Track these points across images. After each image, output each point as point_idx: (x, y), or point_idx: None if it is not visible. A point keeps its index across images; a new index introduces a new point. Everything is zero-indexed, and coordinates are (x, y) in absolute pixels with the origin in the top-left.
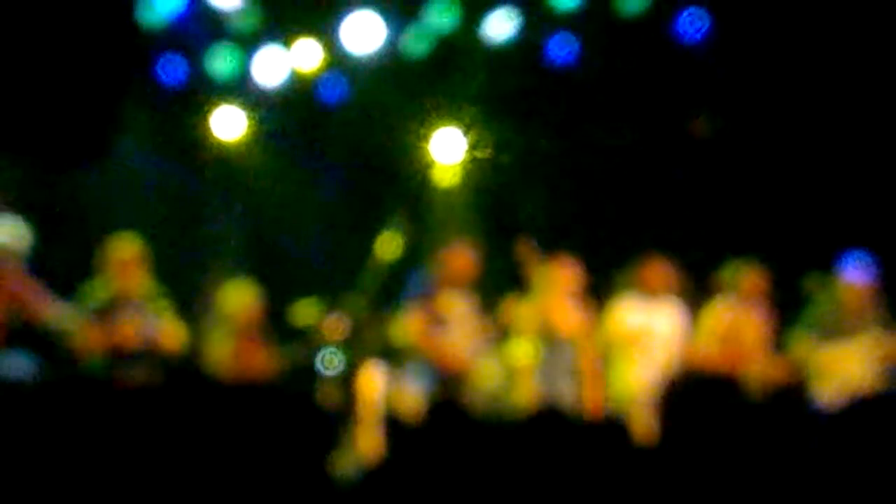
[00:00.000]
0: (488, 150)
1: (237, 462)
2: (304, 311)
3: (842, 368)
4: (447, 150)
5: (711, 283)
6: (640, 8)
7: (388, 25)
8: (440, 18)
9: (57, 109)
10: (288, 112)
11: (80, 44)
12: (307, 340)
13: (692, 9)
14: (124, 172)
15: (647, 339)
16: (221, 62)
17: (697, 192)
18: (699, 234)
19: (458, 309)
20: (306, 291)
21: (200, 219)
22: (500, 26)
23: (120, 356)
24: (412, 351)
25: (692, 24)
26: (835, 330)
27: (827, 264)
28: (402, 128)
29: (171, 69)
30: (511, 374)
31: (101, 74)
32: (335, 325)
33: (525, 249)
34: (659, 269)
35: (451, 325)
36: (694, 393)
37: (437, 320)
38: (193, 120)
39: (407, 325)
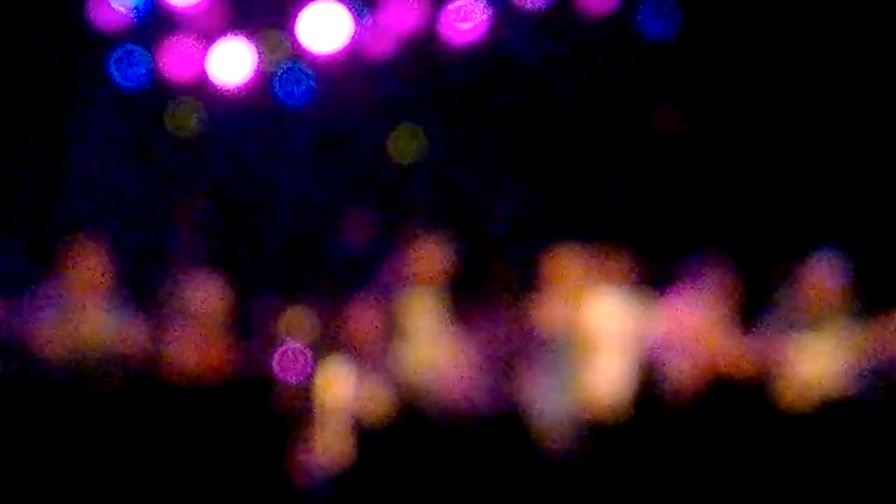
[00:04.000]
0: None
1: (200, 463)
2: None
3: (810, 365)
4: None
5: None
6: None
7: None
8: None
9: (10, 108)
10: (250, 109)
11: (34, 41)
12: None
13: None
14: (82, 171)
15: (619, 337)
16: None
17: (665, 187)
18: (667, 229)
19: (423, 310)
20: (271, 288)
21: (160, 217)
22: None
23: (81, 357)
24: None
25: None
26: (803, 326)
27: (795, 258)
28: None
29: (129, 66)
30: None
31: (56, 72)
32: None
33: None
34: (628, 266)
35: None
36: (663, 391)
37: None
38: (151, 117)
39: (364, 327)
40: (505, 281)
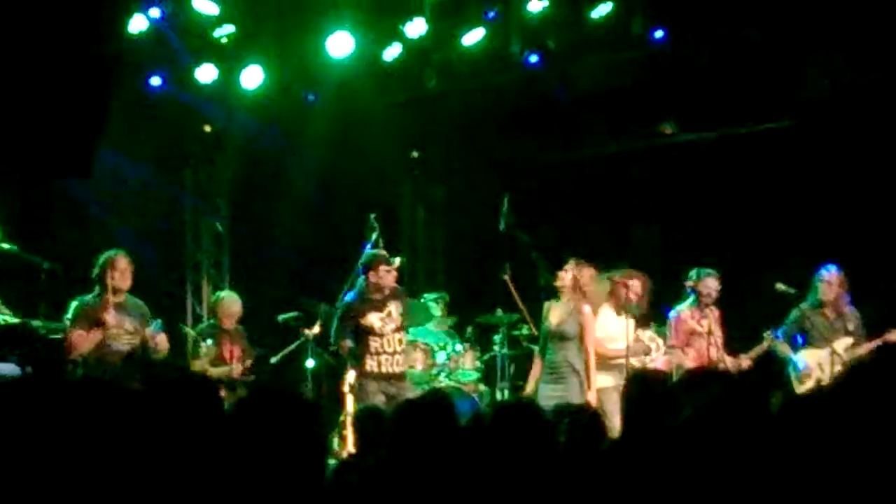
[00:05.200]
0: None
1: (223, 462)
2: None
3: (815, 372)
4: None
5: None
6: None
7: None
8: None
9: (39, 121)
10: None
11: (63, 55)
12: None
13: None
14: (107, 183)
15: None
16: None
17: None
18: (665, 239)
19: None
20: (285, 294)
21: (183, 226)
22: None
23: (108, 360)
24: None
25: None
26: (809, 335)
27: (801, 271)
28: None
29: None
30: None
31: (84, 85)
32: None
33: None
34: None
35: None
36: (663, 392)
37: (368, 333)
38: (176, 129)
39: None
40: None
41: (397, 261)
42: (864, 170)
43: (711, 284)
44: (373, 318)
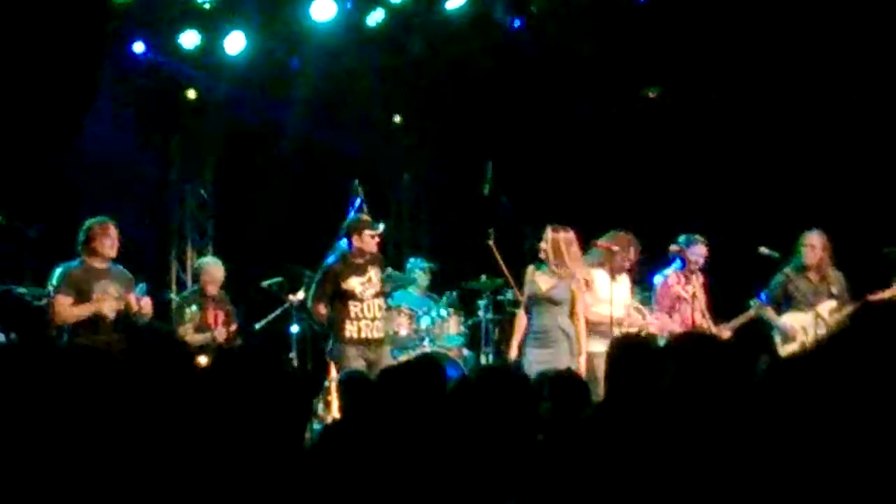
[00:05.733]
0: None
1: (209, 427)
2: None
3: (800, 335)
4: None
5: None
6: None
7: None
8: None
9: (28, 92)
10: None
11: (50, 27)
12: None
13: None
14: (92, 149)
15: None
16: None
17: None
18: (648, 206)
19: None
20: (269, 260)
21: (167, 192)
22: None
23: (92, 326)
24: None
25: None
26: (794, 298)
27: (786, 236)
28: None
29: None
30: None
31: (71, 56)
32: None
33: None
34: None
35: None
36: (646, 356)
37: (349, 298)
38: (159, 96)
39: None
40: None
41: (381, 226)
42: (850, 134)
43: (700, 251)
44: (354, 283)
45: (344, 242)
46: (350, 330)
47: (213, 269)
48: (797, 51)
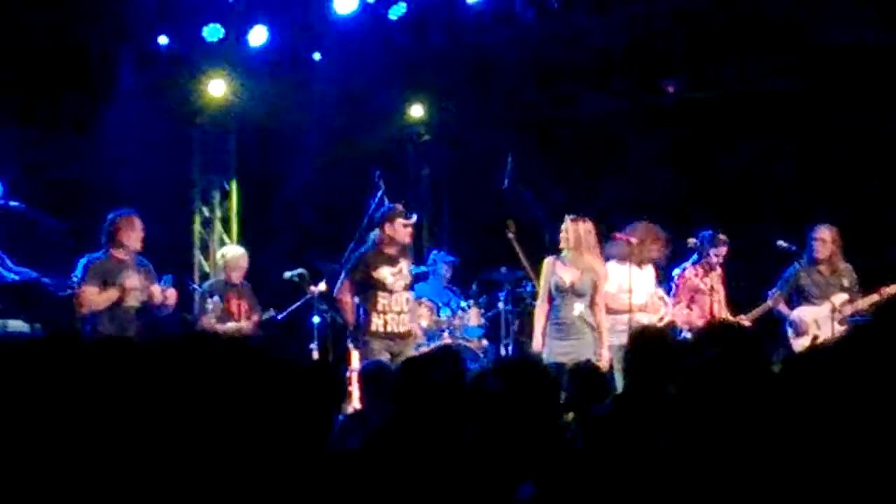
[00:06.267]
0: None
1: (230, 415)
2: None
3: (812, 329)
4: None
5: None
6: None
7: None
8: None
9: (50, 77)
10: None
11: (72, 12)
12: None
13: None
14: (116, 141)
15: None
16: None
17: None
18: (666, 199)
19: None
20: (291, 251)
21: (191, 183)
22: None
23: (117, 317)
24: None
25: None
26: (806, 292)
27: (799, 231)
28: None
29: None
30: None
31: (93, 42)
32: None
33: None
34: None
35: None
36: (665, 348)
37: (378, 288)
38: (186, 85)
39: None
40: None
41: (415, 217)
42: (866, 130)
43: (721, 251)
44: (385, 272)
45: (375, 233)
46: (376, 323)
47: (237, 257)
48: (812, 44)
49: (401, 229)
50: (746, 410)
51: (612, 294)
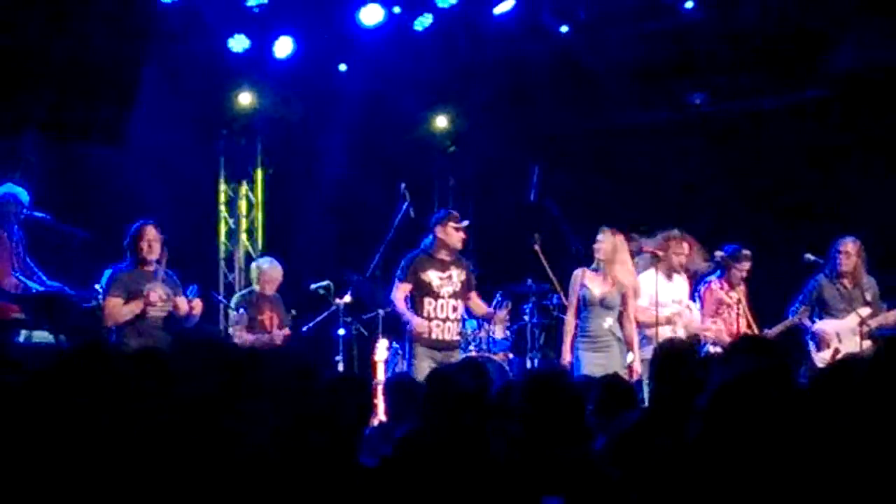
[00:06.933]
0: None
1: (258, 428)
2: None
3: (834, 342)
4: None
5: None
6: None
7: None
8: None
9: (76, 86)
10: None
11: (98, 24)
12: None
13: None
14: (142, 151)
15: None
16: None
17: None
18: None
19: (446, 281)
20: (316, 263)
21: (216, 194)
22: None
23: (142, 328)
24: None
25: None
26: (828, 305)
27: (822, 244)
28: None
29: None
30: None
31: (116, 54)
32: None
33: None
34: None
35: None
36: (691, 361)
37: (424, 292)
38: (211, 96)
39: (392, 292)
40: None
41: (466, 221)
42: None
43: (744, 266)
44: (432, 275)
45: (429, 237)
46: (421, 328)
47: (271, 269)
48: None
49: (453, 233)
50: (776, 425)
51: (642, 307)
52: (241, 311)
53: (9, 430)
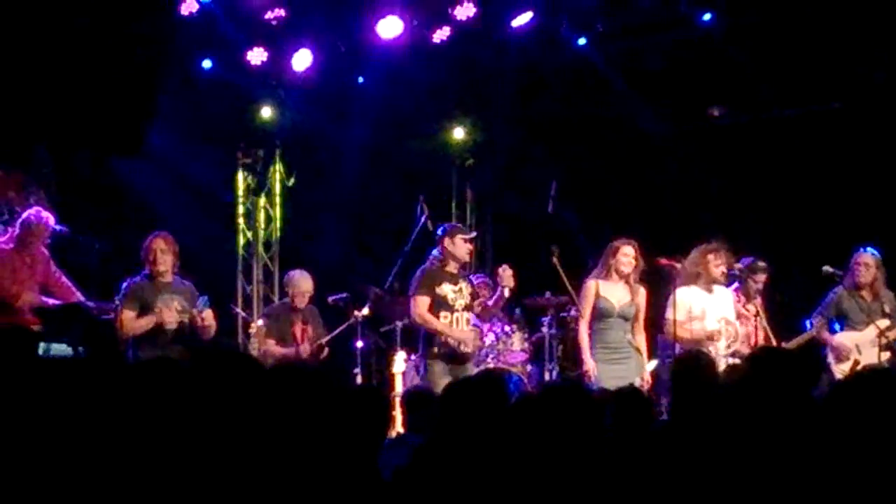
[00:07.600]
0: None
1: (277, 440)
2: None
3: (853, 354)
4: None
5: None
6: None
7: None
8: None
9: (93, 100)
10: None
11: (116, 36)
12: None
13: None
14: (160, 164)
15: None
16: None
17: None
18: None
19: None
20: (335, 275)
21: (234, 206)
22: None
23: (158, 340)
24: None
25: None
26: (847, 317)
27: (840, 256)
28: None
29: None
30: None
31: (133, 65)
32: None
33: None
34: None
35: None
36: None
37: (440, 306)
38: (226, 111)
39: (415, 308)
40: None
41: (474, 233)
42: None
43: (760, 278)
44: (447, 289)
45: (436, 250)
46: (437, 345)
47: (301, 281)
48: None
49: (461, 245)
50: (796, 437)
51: (679, 322)
52: (261, 322)
53: (28, 439)
